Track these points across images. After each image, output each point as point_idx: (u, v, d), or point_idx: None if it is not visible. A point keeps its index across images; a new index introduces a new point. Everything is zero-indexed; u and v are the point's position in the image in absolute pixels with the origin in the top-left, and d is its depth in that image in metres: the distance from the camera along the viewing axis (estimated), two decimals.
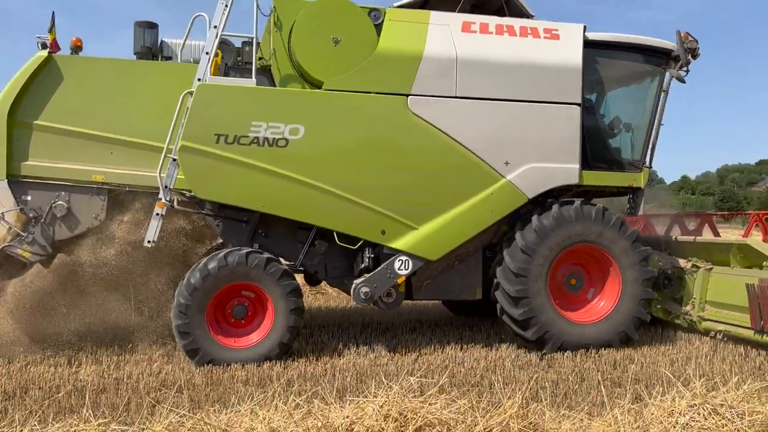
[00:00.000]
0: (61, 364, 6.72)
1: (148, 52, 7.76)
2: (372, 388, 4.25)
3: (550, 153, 7.63)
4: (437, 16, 7.56)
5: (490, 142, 7.48)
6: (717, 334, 7.85)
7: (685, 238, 9.33)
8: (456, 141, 7.38)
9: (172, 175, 6.92)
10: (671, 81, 8.22)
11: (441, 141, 7.35)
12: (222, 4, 7.04)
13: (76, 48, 7.47)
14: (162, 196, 6.88)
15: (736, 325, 7.63)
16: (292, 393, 4.95)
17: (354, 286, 7.35)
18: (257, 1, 7.14)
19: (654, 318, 8.49)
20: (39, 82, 7.06)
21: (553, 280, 7.67)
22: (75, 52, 7.46)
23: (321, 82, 7.23)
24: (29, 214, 7.08)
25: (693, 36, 7.97)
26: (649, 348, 7.69)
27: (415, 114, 7.29)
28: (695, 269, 8.31)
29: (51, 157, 7.12)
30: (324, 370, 6.61)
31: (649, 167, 8.37)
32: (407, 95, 7.29)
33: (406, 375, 4.61)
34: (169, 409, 4.17)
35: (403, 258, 7.35)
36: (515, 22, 7.73)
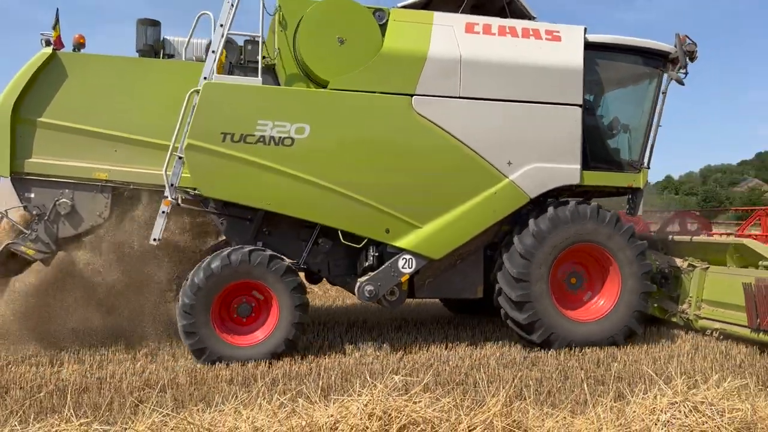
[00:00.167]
0: (42, 364, 6.61)
1: (151, 50, 7.75)
2: (357, 387, 4.21)
3: (552, 153, 7.72)
4: (441, 17, 7.61)
5: (493, 142, 7.55)
6: (713, 332, 7.98)
7: (681, 238, 9.47)
8: (460, 141, 7.45)
9: (178, 173, 6.93)
10: (670, 83, 8.35)
11: (445, 141, 7.41)
12: (228, 3, 7.05)
13: (79, 45, 7.44)
14: (168, 194, 6.88)
15: (732, 323, 7.75)
16: (276, 392, 4.89)
17: (358, 284, 7.40)
18: (263, 0, 7.16)
19: (647, 317, 8.58)
20: (43, 79, 7.03)
21: (554, 279, 7.75)
22: (77, 49, 7.43)
23: (326, 82, 7.25)
24: (33, 212, 7.06)
25: (691, 39, 8.10)
26: (632, 346, 7.74)
27: (419, 114, 7.34)
28: (692, 268, 8.45)
29: (54, 155, 7.10)
30: (309, 369, 6.58)
31: (648, 168, 8.48)
32: (412, 95, 7.34)
33: (391, 374, 4.51)
34: (152, 409, 4.10)
35: (407, 257, 7.40)
36: (517, 24, 7.81)
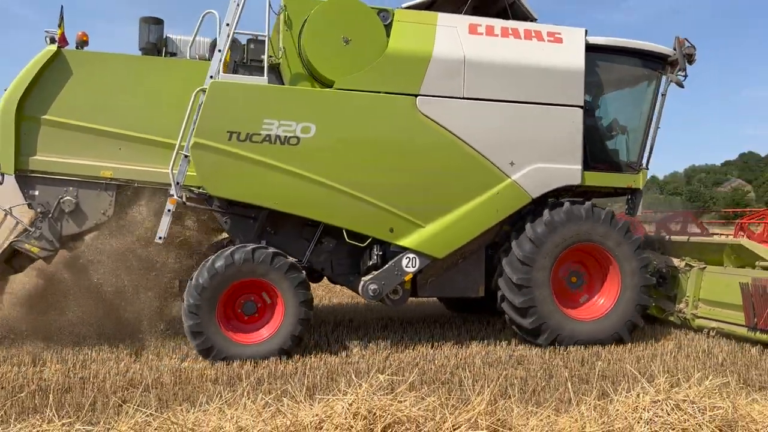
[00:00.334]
0: (24, 363, 6.51)
1: (153, 48, 7.74)
2: (342, 386, 4.18)
3: (554, 154, 7.81)
4: (445, 18, 7.68)
5: (496, 142, 7.62)
6: (710, 331, 8.12)
7: (678, 238, 9.60)
8: (463, 141, 7.51)
9: (184, 172, 6.93)
10: (669, 85, 8.47)
11: (449, 141, 7.47)
12: (234, 3, 7.06)
13: (82, 43, 7.41)
14: (173, 193, 6.88)
15: (729, 322, 7.89)
16: (261, 391, 4.88)
17: (362, 283, 7.44)
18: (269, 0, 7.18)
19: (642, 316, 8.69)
20: (47, 76, 7.01)
21: (555, 280, 7.82)
22: (80, 46, 7.40)
23: (331, 81, 7.29)
24: (37, 209, 7.03)
25: (690, 42, 8.22)
26: (615, 345, 7.80)
27: (423, 114, 7.40)
28: (689, 268, 8.58)
29: (59, 152, 7.08)
30: (294, 369, 6.56)
31: (647, 169, 8.60)
32: (416, 95, 7.39)
33: (377, 373, 4.49)
34: (135, 409, 4.05)
35: (411, 256, 7.46)
36: (520, 26, 7.89)
